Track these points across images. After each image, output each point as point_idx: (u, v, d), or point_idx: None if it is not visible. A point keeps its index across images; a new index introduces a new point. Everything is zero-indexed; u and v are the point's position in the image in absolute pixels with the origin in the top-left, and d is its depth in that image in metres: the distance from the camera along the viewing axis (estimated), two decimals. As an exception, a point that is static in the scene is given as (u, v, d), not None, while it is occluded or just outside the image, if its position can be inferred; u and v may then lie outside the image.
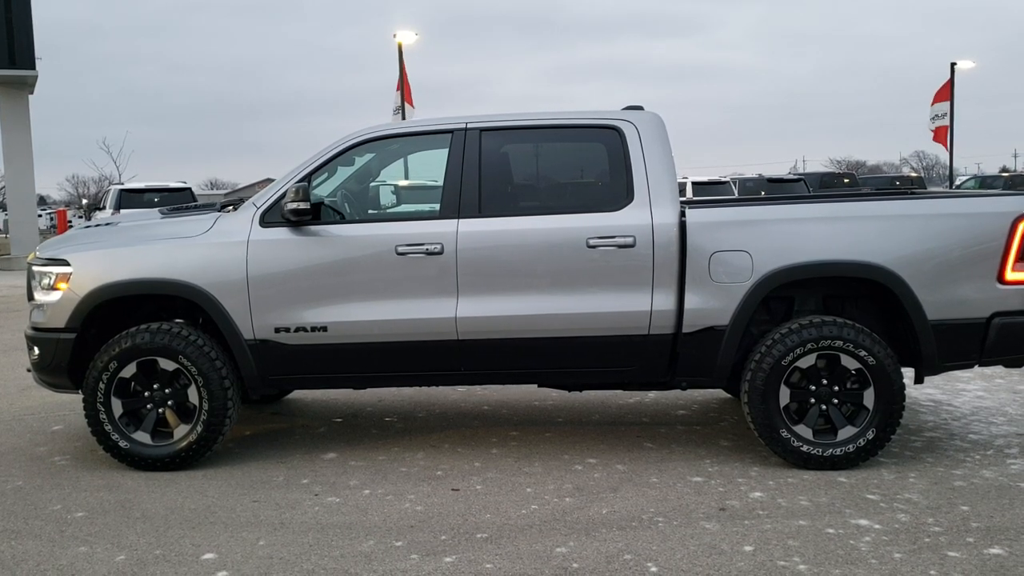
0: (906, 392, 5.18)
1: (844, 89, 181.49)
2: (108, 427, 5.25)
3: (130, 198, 21.31)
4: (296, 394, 7.22)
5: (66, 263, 5.35)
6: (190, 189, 22.46)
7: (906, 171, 68.51)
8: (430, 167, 5.94)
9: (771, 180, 28.44)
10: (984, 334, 5.11)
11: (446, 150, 5.34)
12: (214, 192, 68.94)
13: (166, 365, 5.24)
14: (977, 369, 7.07)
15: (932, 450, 5.48)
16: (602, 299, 5.14)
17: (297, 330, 5.21)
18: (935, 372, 5.26)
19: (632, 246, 5.10)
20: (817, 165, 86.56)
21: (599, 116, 5.42)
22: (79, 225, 6.83)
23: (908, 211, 5.23)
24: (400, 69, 24.15)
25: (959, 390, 7.06)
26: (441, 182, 5.33)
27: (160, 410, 5.31)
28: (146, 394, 5.30)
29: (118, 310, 5.45)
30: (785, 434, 5.07)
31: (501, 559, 3.98)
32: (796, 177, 31.04)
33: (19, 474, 5.34)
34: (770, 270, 5.05)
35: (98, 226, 6.00)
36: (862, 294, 5.33)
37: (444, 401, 7.02)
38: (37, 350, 5.43)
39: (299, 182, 5.27)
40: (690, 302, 5.10)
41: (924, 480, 4.91)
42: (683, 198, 5.91)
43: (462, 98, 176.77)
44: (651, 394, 7.04)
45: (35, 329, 5.45)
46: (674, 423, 6.24)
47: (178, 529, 4.41)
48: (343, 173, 5.65)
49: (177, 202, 18.44)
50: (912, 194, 6.07)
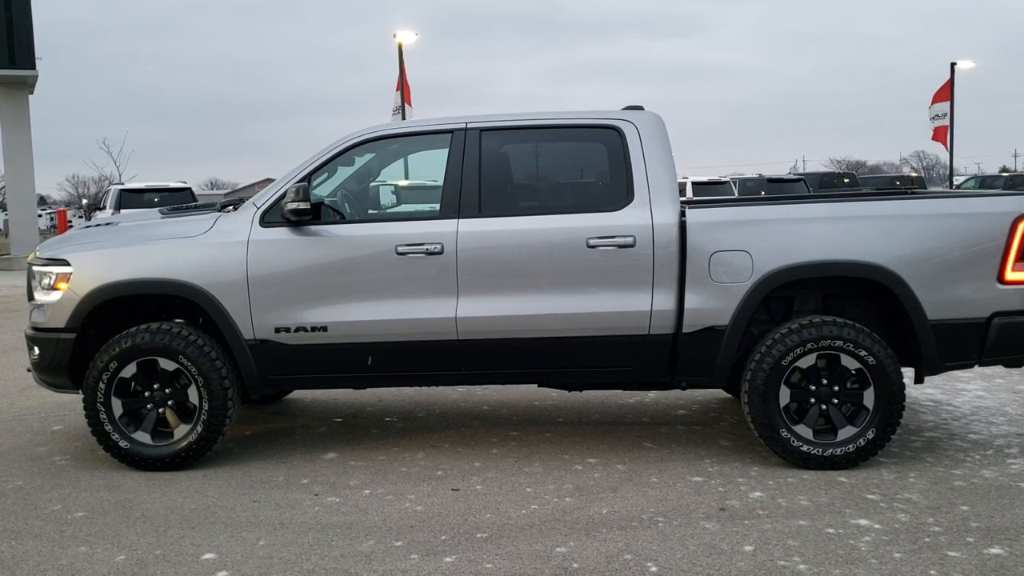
0: (906, 392, 5.18)
1: (844, 89, 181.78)
2: (108, 427, 5.25)
3: (130, 198, 21.31)
4: (296, 394, 7.22)
5: (66, 263, 5.36)
6: (190, 189, 22.45)
7: (906, 171, 68.50)
8: (430, 167, 5.94)
9: (771, 180, 28.44)
10: (984, 334, 5.12)
11: (446, 150, 5.34)
12: (214, 192, 68.95)
13: (166, 365, 5.25)
14: (977, 369, 7.07)
15: (932, 450, 5.48)
16: (602, 299, 5.14)
17: (297, 330, 5.21)
18: (935, 372, 5.26)
19: (632, 246, 5.10)
20: (817, 165, 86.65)
21: (599, 116, 5.42)
22: (79, 225, 6.82)
23: (908, 211, 5.24)
24: (400, 69, 24.16)
25: (959, 390, 7.06)
26: (441, 182, 5.33)
27: (160, 410, 5.31)
28: (146, 394, 5.31)
29: (118, 310, 5.45)
30: (785, 434, 5.07)
31: (501, 559, 3.98)
32: (796, 177, 31.04)
33: (19, 474, 5.34)
34: (770, 270, 5.06)
35: (98, 226, 6.00)
36: (862, 294, 5.33)
37: (444, 401, 7.02)
38: (37, 350, 5.43)
39: (299, 182, 5.27)
40: (690, 302, 5.11)
41: (924, 480, 4.92)
42: (683, 198, 5.91)
43: (462, 98, 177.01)
44: (651, 394, 7.04)
45: (35, 329, 5.46)
46: (674, 423, 6.24)
47: (178, 529, 4.41)
48: (343, 173, 5.65)
49: (177, 202, 18.44)
50: (912, 194, 6.07)
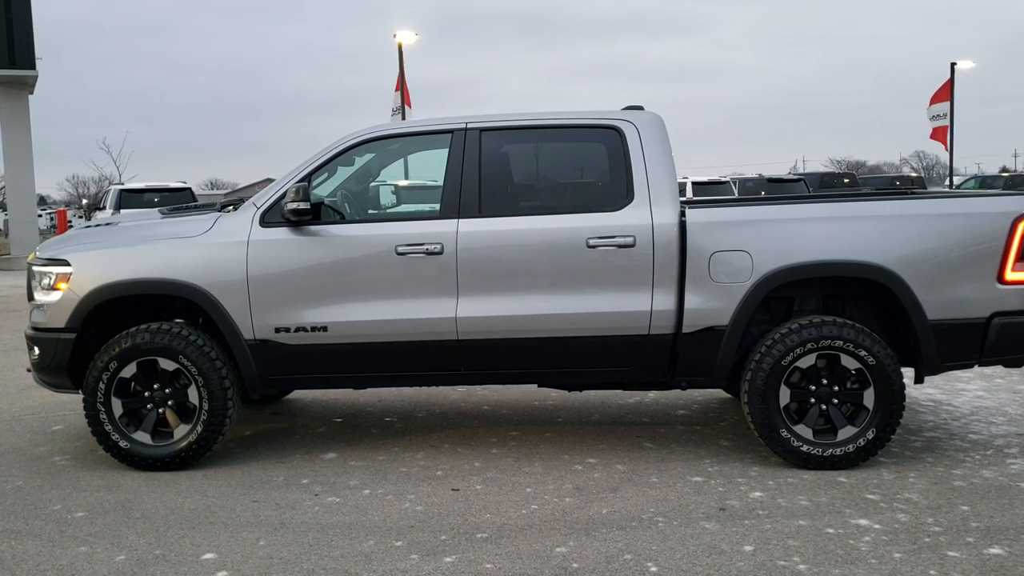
0: (906, 392, 5.18)
1: (844, 89, 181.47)
2: (108, 427, 5.25)
3: (130, 198, 21.32)
4: (296, 394, 7.22)
5: (66, 263, 5.36)
6: (190, 189, 22.46)
7: (906, 171, 68.48)
8: (430, 167, 5.94)
9: (771, 180, 28.44)
10: (984, 334, 5.12)
11: (446, 150, 5.34)
12: (214, 192, 68.96)
13: (166, 365, 5.25)
14: (977, 369, 7.08)
15: (932, 450, 5.48)
16: (602, 299, 5.14)
17: (297, 330, 5.21)
18: (935, 372, 5.26)
19: (632, 246, 5.10)
20: (817, 165, 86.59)
21: (599, 116, 5.42)
22: (79, 225, 6.83)
23: (908, 211, 5.24)
24: (400, 70, 24.15)
25: (959, 390, 7.06)
26: (441, 182, 5.33)
27: (160, 410, 5.31)
28: (146, 394, 5.31)
29: (118, 310, 5.45)
30: (785, 434, 5.07)
31: (501, 559, 3.98)
32: (796, 177, 31.04)
33: (19, 474, 5.34)
34: (770, 270, 5.06)
35: (98, 226, 6.00)
36: (862, 294, 5.33)
37: (444, 401, 7.02)
38: (37, 350, 5.43)
39: (299, 182, 5.27)
40: (690, 302, 5.11)
41: (924, 480, 4.92)
42: (683, 198, 5.91)
43: (462, 98, 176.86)
44: (651, 394, 7.04)
45: (35, 329, 5.46)
46: (674, 423, 6.24)
47: (178, 529, 4.41)
48: (343, 173, 5.65)
49: (177, 202, 18.45)
50: (912, 194, 6.07)
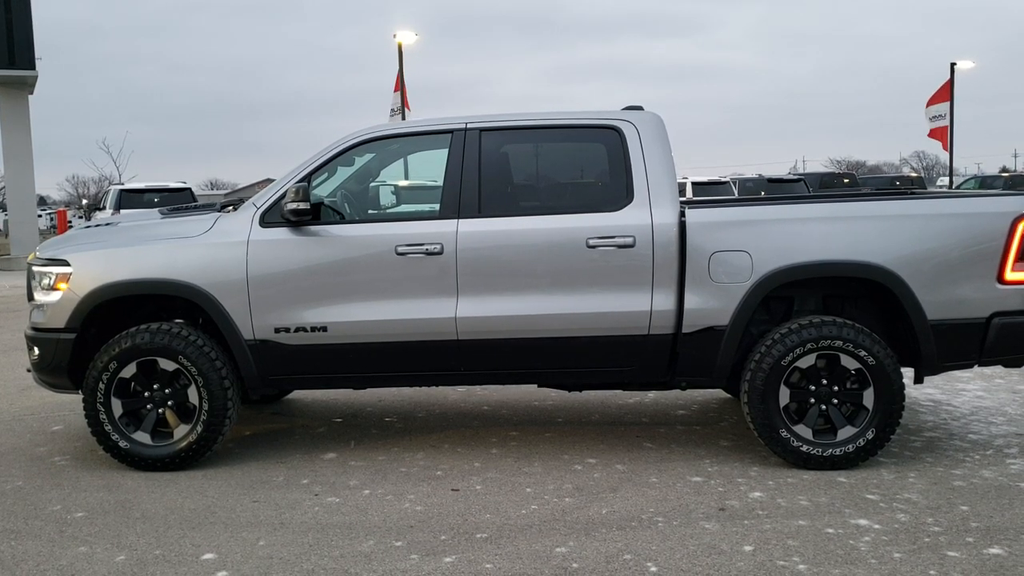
0: (906, 392, 5.18)
1: (844, 89, 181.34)
2: (108, 427, 5.25)
3: (130, 198, 21.33)
4: (296, 394, 7.22)
5: (66, 263, 5.36)
6: (190, 189, 22.47)
7: (906, 171, 68.47)
8: (430, 167, 5.94)
9: (771, 180, 28.42)
10: (984, 334, 5.12)
11: (446, 150, 5.35)
12: (214, 192, 68.98)
13: (166, 365, 5.25)
14: (977, 369, 7.08)
15: (932, 450, 5.48)
16: (602, 299, 5.14)
17: (297, 330, 5.21)
18: (935, 372, 5.26)
19: (632, 246, 5.10)
20: (817, 165, 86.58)
21: (599, 116, 5.42)
22: (79, 225, 6.83)
23: (908, 211, 5.24)
24: (400, 70, 24.13)
25: (959, 390, 7.07)
26: (441, 182, 5.33)
27: (160, 410, 5.31)
28: (146, 394, 5.31)
29: (118, 310, 5.45)
30: (785, 434, 5.07)
31: (501, 559, 3.98)
32: (796, 177, 31.04)
33: (19, 474, 5.34)
34: (770, 270, 5.06)
35: (98, 226, 6.00)
36: (862, 294, 5.33)
37: (444, 401, 7.03)
38: (37, 350, 5.43)
39: (299, 182, 5.27)
40: (690, 302, 5.11)
41: (924, 480, 4.92)
42: (683, 198, 5.91)
43: (462, 98, 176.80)
44: (651, 394, 7.04)
45: (35, 329, 5.46)
46: (674, 423, 6.25)
47: (178, 529, 4.42)
48: (343, 173, 5.65)
49: (177, 202, 18.45)
50: (912, 194, 6.08)
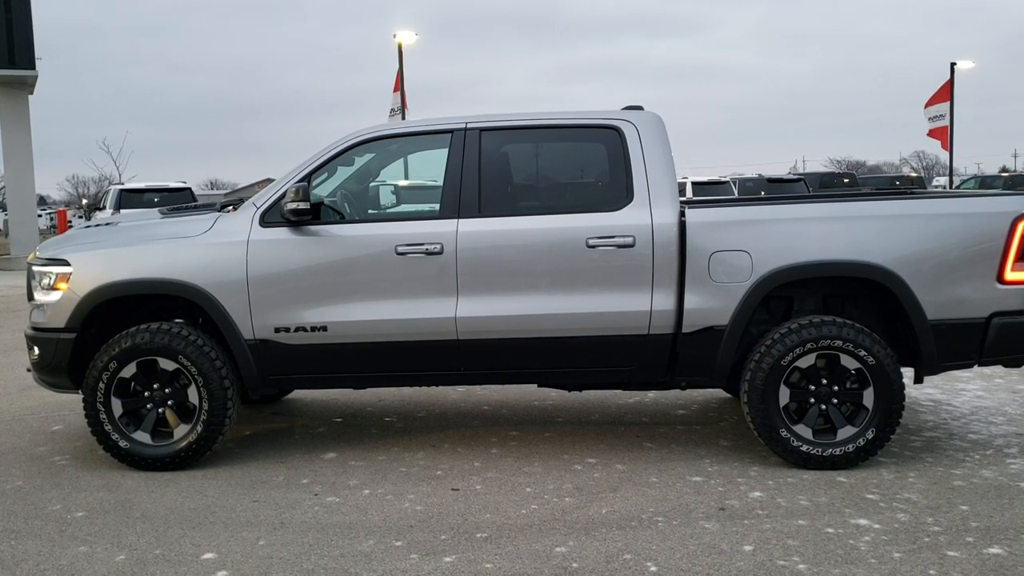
0: (906, 392, 5.18)
1: (844, 89, 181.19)
2: (108, 427, 5.25)
3: (130, 198, 21.33)
4: (296, 394, 7.22)
5: (66, 263, 5.36)
6: (190, 189, 22.47)
7: (906, 171, 68.44)
8: (430, 167, 5.94)
9: (771, 180, 28.44)
10: (983, 334, 5.12)
11: (446, 150, 5.35)
12: (214, 192, 68.97)
13: (166, 365, 5.25)
14: (977, 369, 7.08)
15: (931, 450, 5.48)
16: (602, 299, 5.14)
17: (297, 330, 5.21)
18: (934, 372, 5.26)
19: (632, 246, 5.11)
20: (817, 165, 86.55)
21: (599, 116, 5.42)
22: (79, 225, 6.83)
23: (908, 211, 5.24)
24: (399, 70, 24.12)
25: (959, 390, 7.07)
26: (441, 182, 5.33)
27: (160, 410, 5.31)
28: (146, 394, 5.31)
29: (118, 310, 5.46)
30: (785, 434, 5.07)
31: (501, 559, 3.98)
32: (796, 177, 31.04)
33: (19, 474, 5.34)
34: (770, 270, 5.06)
35: (98, 226, 6.00)
36: (862, 294, 5.33)
37: (444, 401, 7.03)
38: (37, 350, 5.43)
39: (299, 182, 5.27)
40: (690, 302, 5.11)
41: (923, 480, 4.92)
42: (683, 198, 5.91)
43: (462, 98, 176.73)
44: (651, 394, 7.04)
45: (35, 329, 5.46)
46: (674, 423, 6.25)
47: (178, 529, 4.42)
48: (343, 173, 5.65)
49: (177, 202, 18.45)
50: (912, 194, 6.08)
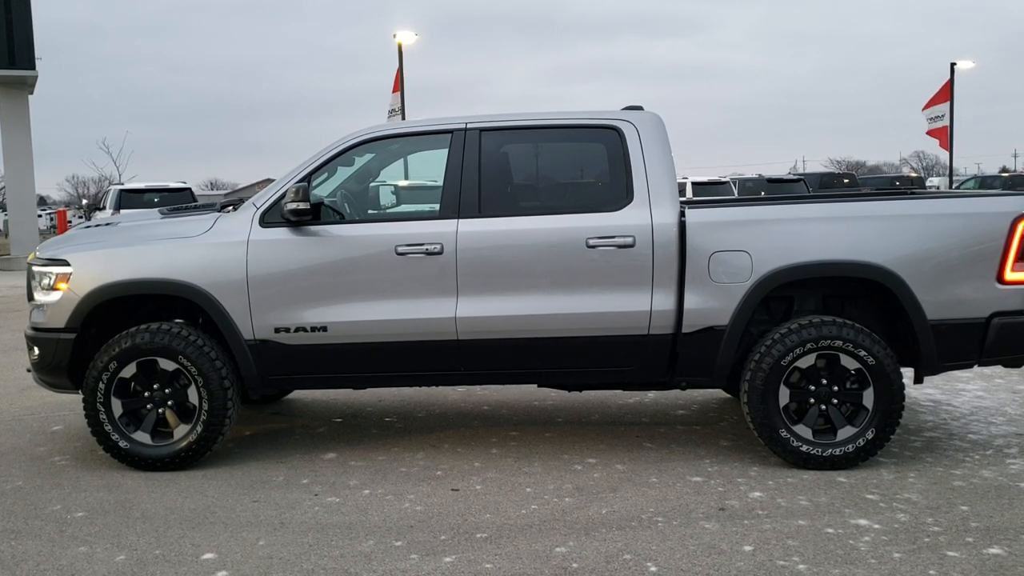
0: (905, 392, 5.18)
1: (844, 89, 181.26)
2: (108, 427, 5.25)
3: (130, 198, 21.35)
4: (296, 394, 7.23)
5: (66, 263, 5.36)
6: (190, 189, 22.48)
7: (906, 171, 68.45)
8: (430, 167, 5.94)
9: (771, 180, 28.44)
10: (983, 334, 5.12)
11: (446, 150, 5.35)
12: (214, 192, 68.99)
13: (166, 365, 5.25)
14: (976, 369, 7.08)
15: (931, 450, 5.48)
16: (602, 299, 5.14)
17: (297, 330, 5.21)
18: (934, 372, 5.26)
19: (632, 246, 5.11)
20: (817, 165, 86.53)
21: (599, 116, 5.42)
22: (79, 225, 6.84)
23: (908, 211, 5.24)
24: (399, 69, 24.11)
25: (958, 390, 7.07)
26: (441, 182, 5.33)
27: (160, 410, 5.31)
28: (146, 394, 5.31)
29: (118, 310, 5.46)
30: (784, 434, 5.07)
31: (501, 559, 3.98)
32: (796, 177, 31.05)
33: (19, 474, 5.34)
34: (770, 270, 5.06)
35: (98, 226, 6.00)
36: (862, 294, 5.33)
37: (444, 401, 7.03)
38: (37, 350, 5.43)
39: (299, 182, 5.27)
40: (690, 302, 5.11)
41: (923, 480, 4.92)
42: (683, 198, 5.91)
43: (462, 98, 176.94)
44: (651, 394, 7.04)
45: (35, 329, 5.46)
46: (674, 423, 6.25)
47: (178, 529, 4.42)
48: (343, 173, 5.65)
49: (177, 202, 18.46)
50: (912, 194, 6.08)
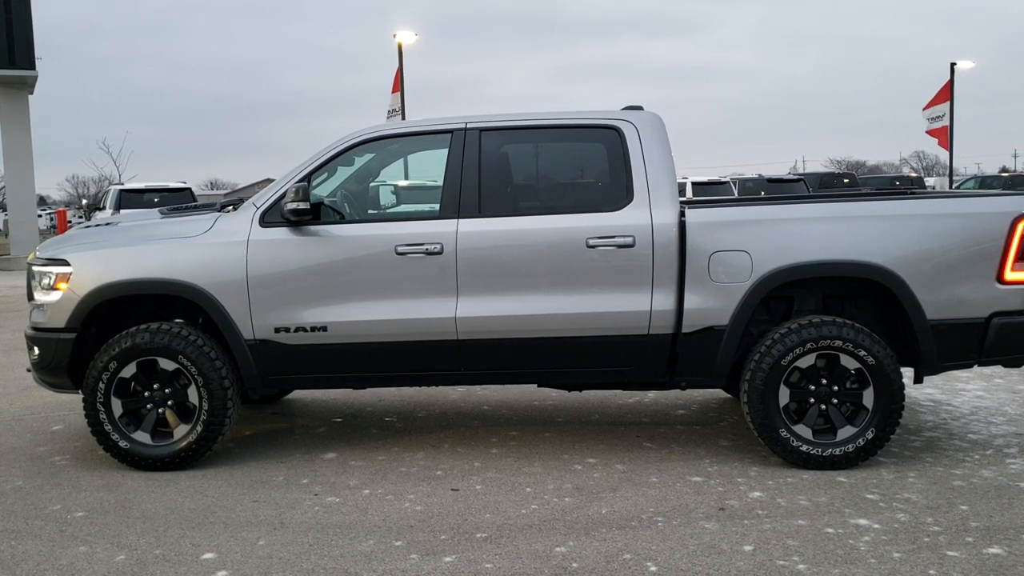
0: (905, 392, 5.18)
1: (844, 89, 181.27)
2: (108, 427, 5.25)
3: (130, 198, 21.35)
4: (296, 394, 7.23)
5: (66, 263, 5.36)
6: (190, 189, 22.48)
7: (906, 171, 68.45)
8: (430, 167, 5.94)
9: (771, 180, 28.43)
10: (983, 334, 5.12)
11: (446, 150, 5.35)
12: (214, 192, 69.01)
13: (166, 365, 5.25)
14: (976, 369, 7.08)
15: (931, 450, 5.48)
16: (602, 299, 5.14)
17: (297, 330, 5.21)
18: (934, 372, 5.26)
19: (632, 246, 5.11)
20: (817, 165, 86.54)
21: (599, 116, 5.43)
22: (79, 225, 6.85)
23: (908, 211, 5.24)
24: (399, 69, 24.11)
25: (958, 390, 7.07)
26: (441, 182, 5.33)
27: (160, 410, 5.31)
28: (146, 394, 5.31)
29: (118, 310, 5.46)
30: (784, 434, 5.07)
31: (501, 559, 3.98)
32: (796, 177, 31.04)
33: (19, 474, 5.35)
34: (770, 270, 5.06)
35: (98, 226, 6.00)
36: (862, 294, 5.33)
37: (444, 401, 7.03)
38: (37, 350, 5.43)
39: (299, 182, 5.27)
40: (689, 302, 5.11)
41: (923, 480, 4.92)
42: (683, 198, 5.91)
43: (462, 98, 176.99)
44: (651, 394, 7.04)
45: (35, 329, 5.46)
46: (674, 423, 6.25)
47: (178, 529, 4.42)
48: (343, 173, 5.65)
49: (177, 202, 18.46)
50: (912, 194, 6.08)
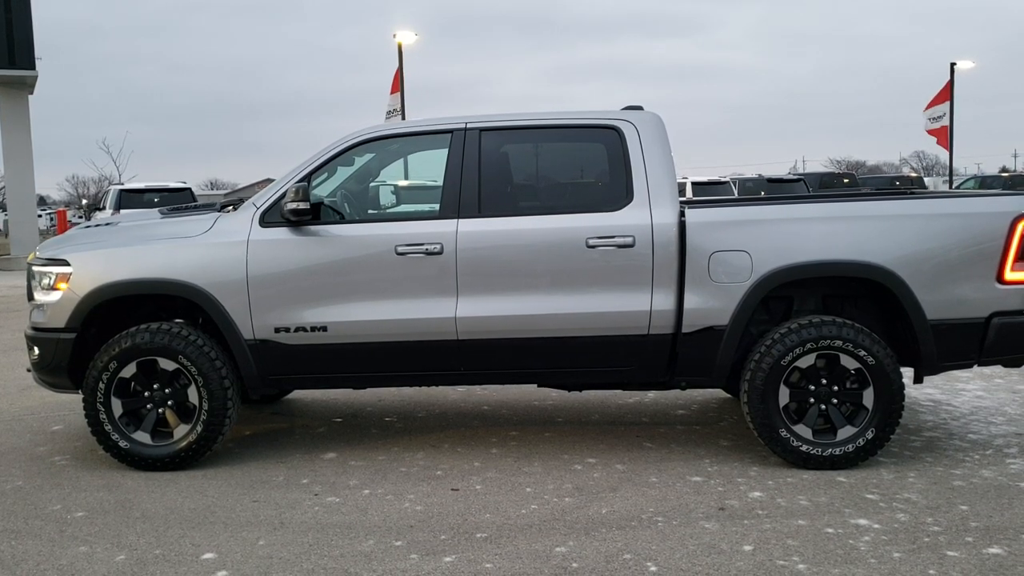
0: (905, 392, 5.18)
1: (844, 89, 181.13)
2: (108, 427, 5.25)
3: (130, 198, 21.36)
4: (296, 394, 7.23)
5: (66, 263, 5.36)
6: (190, 189, 22.49)
7: (906, 171, 68.43)
8: (430, 167, 5.94)
9: (771, 180, 28.45)
10: (983, 334, 5.12)
11: (446, 150, 5.35)
12: (214, 192, 69.02)
13: (166, 365, 5.25)
14: (976, 369, 7.08)
15: (931, 450, 5.48)
16: (602, 299, 5.14)
17: (297, 330, 5.21)
18: (934, 372, 5.26)
19: (632, 246, 5.11)
20: (817, 165, 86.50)
21: (599, 116, 5.43)
22: (79, 225, 6.85)
23: (908, 211, 5.24)
24: (399, 70, 24.09)
25: (958, 390, 7.07)
26: (441, 182, 5.34)
27: (160, 410, 5.31)
28: (146, 394, 5.31)
29: (118, 310, 5.46)
30: (784, 434, 5.07)
31: (501, 559, 3.98)
32: (796, 177, 31.05)
33: (19, 474, 5.35)
34: (769, 270, 5.06)
35: (98, 226, 6.00)
36: (862, 294, 5.33)
37: (444, 401, 7.03)
38: (37, 350, 5.43)
39: (299, 182, 5.28)
40: (689, 302, 5.11)
41: (923, 480, 4.92)
42: (683, 198, 5.91)
43: (462, 98, 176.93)
44: (651, 394, 7.05)
45: (35, 329, 5.46)
46: (674, 423, 6.25)
47: (178, 529, 4.42)
48: (343, 173, 5.65)
49: (177, 202, 18.45)
50: (912, 194, 6.08)
